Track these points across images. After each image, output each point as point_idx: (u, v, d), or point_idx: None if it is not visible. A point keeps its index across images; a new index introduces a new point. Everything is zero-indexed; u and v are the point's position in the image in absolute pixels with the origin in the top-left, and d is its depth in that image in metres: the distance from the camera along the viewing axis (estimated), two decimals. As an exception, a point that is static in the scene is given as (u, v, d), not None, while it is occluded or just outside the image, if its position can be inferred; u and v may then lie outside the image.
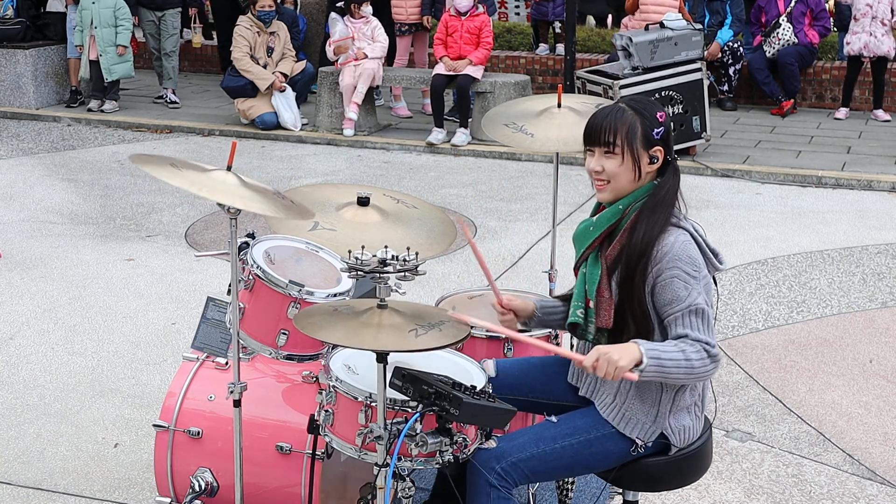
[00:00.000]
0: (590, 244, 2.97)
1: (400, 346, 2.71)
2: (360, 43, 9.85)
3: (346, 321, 2.79)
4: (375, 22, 9.97)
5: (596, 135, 2.93)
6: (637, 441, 2.93)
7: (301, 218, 2.97)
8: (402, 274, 2.81)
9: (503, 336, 3.42)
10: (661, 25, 8.83)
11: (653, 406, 2.92)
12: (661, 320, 2.87)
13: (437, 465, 2.85)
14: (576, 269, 3.05)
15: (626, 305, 2.88)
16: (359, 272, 2.81)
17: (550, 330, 3.49)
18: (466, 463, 2.92)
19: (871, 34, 10.11)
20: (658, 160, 2.93)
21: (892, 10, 10.11)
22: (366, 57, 9.77)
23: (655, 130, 2.91)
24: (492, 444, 2.93)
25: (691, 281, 2.80)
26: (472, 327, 2.92)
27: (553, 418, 3.00)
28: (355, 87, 9.84)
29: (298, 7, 11.59)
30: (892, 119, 10.61)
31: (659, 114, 2.93)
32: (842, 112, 10.65)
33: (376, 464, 2.81)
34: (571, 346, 3.24)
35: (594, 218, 2.99)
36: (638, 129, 2.90)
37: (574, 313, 3.02)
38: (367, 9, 9.88)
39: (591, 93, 8.77)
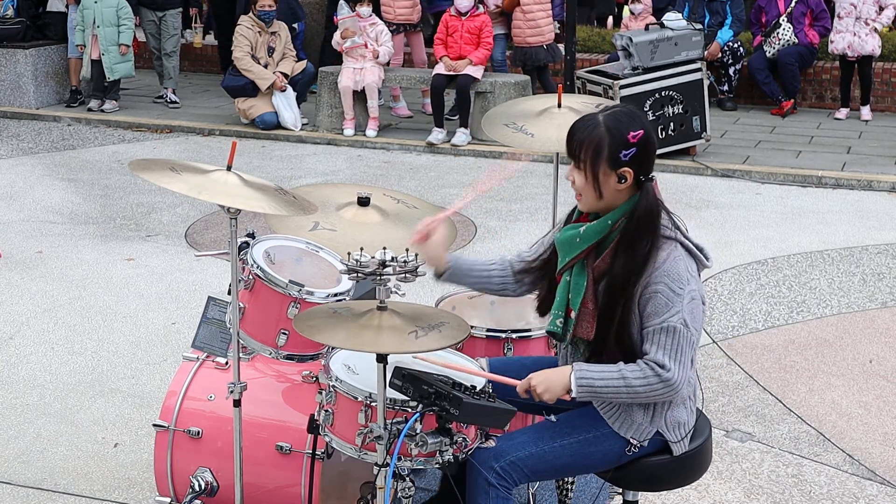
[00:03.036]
0: (576, 256, 2.92)
1: (400, 348, 2.71)
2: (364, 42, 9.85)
3: (345, 324, 2.79)
4: (382, 26, 9.95)
5: (568, 146, 2.89)
6: (632, 441, 2.93)
7: (304, 213, 2.97)
8: (402, 276, 2.81)
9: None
10: (662, 25, 8.84)
11: (651, 406, 2.92)
12: (641, 330, 2.85)
13: (437, 465, 2.85)
14: (559, 275, 2.99)
15: (608, 319, 2.86)
16: (358, 274, 2.80)
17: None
18: (467, 462, 2.92)
19: (854, 34, 10.15)
20: (627, 181, 2.83)
21: (878, 9, 10.14)
22: (376, 56, 9.76)
23: (623, 152, 2.80)
24: (491, 443, 2.93)
25: (673, 298, 2.77)
26: (472, 327, 2.93)
27: (552, 417, 3.00)
28: (354, 91, 9.85)
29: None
30: (875, 118, 10.61)
31: (632, 134, 2.80)
32: (842, 112, 10.66)
33: (376, 464, 2.81)
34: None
35: (581, 229, 2.91)
36: (604, 150, 2.81)
37: (553, 322, 3.00)
38: (363, 10, 9.85)
39: (592, 93, 8.78)
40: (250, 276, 3.30)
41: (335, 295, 3.38)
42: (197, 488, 3.38)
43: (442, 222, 3.07)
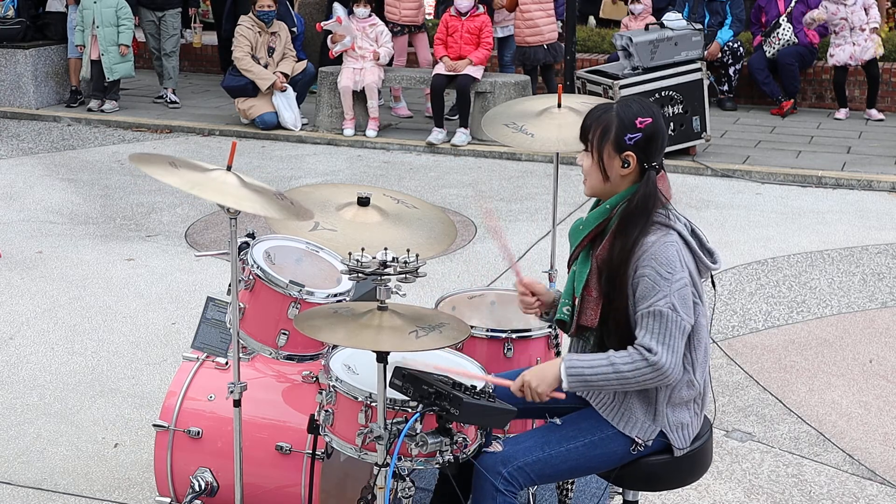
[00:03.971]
0: (580, 242, 2.97)
1: (401, 348, 2.71)
2: (363, 43, 9.84)
3: (346, 323, 2.79)
4: (382, 27, 9.94)
5: (581, 131, 2.97)
6: (637, 440, 2.93)
7: (300, 219, 2.97)
8: (403, 276, 2.81)
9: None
10: (662, 25, 8.84)
11: (651, 404, 2.92)
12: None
13: (437, 465, 2.85)
14: (569, 266, 3.06)
15: (610, 306, 2.88)
16: (359, 274, 2.81)
17: (550, 330, 3.50)
18: (467, 463, 2.92)
19: (853, 44, 10.16)
20: (630, 165, 2.88)
21: (865, 11, 10.14)
22: (376, 58, 9.76)
23: (628, 136, 2.86)
24: (497, 447, 2.92)
25: (661, 282, 2.78)
26: (472, 327, 2.94)
27: (557, 420, 3.00)
28: (354, 91, 9.85)
29: (295, 7, 11.58)
30: (885, 118, 10.61)
31: (640, 119, 2.86)
32: (842, 112, 10.65)
33: (376, 464, 2.81)
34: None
35: (584, 216, 3.00)
36: (611, 132, 2.88)
37: (561, 310, 3.05)
38: (360, 10, 9.83)
39: (591, 93, 8.78)
40: (250, 277, 3.31)
41: (335, 295, 3.38)
42: (197, 488, 3.38)
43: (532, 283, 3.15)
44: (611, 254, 2.87)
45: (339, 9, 9.92)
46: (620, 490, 3.25)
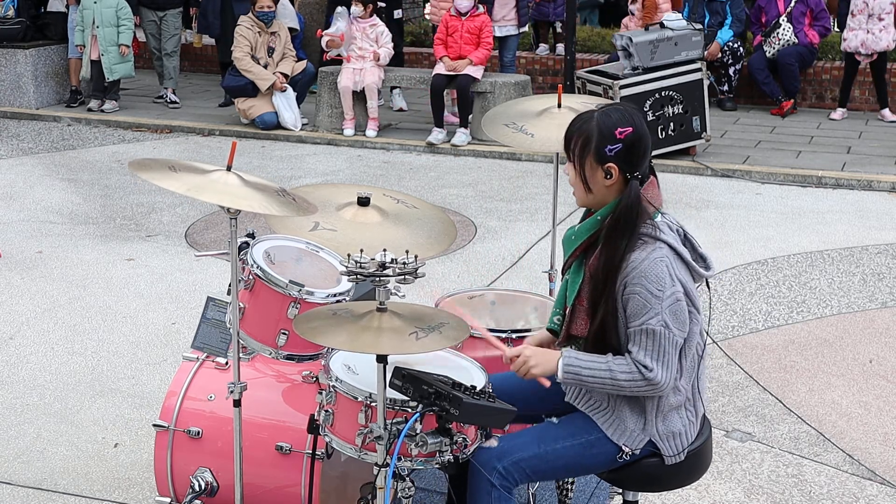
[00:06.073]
0: (572, 252, 2.96)
1: (401, 350, 2.71)
2: (363, 43, 9.84)
3: (345, 325, 2.79)
4: (382, 27, 9.92)
5: (564, 143, 2.93)
6: (624, 447, 2.93)
7: (303, 215, 2.97)
8: (402, 277, 2.81)
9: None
10: (661, 25, 8.84)
11: (641, 413, 2.92)
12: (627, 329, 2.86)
13: (437, 466, 2.85)
14: (563, 273, 3.05)
15: (596, 316, 2.88)
16: (358, 276, 2.80)
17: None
18: (467, 463, 2.92)
19: (867, 31, 10.11)
20: (613, 176, 2.85)
21: (891, 3, 10.08)
22: (377, 59, 9.75)
23: (608, 147, 2.82)
24: (493, 443, 2.93)
25: (651, 300, 2.77)
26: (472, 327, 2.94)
27: (554, 419, 3.01)
28: (354, 91, 9.84)
29: (296, 6, 11.58)
30: (875, 117, 10.60)
31: (620, 129, 2.82)
32: (838, 113, 10.63)
33: (376, 464, 2.81)
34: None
35: (577, 226, 2.98)
36: (591, 143, 2.84)
37: (552, 319, 3.06)
38: (356, 9, 9.82)
39: (592, 93, 8.78)
40: (250, 276, 3.31)
41: (335, 295, 3.38)
42: (197, 488, 3.38)
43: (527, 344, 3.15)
44: (597, 266, 2.86)
45: (341, 22, 9.86)
46: (620, 490, 3.25)
